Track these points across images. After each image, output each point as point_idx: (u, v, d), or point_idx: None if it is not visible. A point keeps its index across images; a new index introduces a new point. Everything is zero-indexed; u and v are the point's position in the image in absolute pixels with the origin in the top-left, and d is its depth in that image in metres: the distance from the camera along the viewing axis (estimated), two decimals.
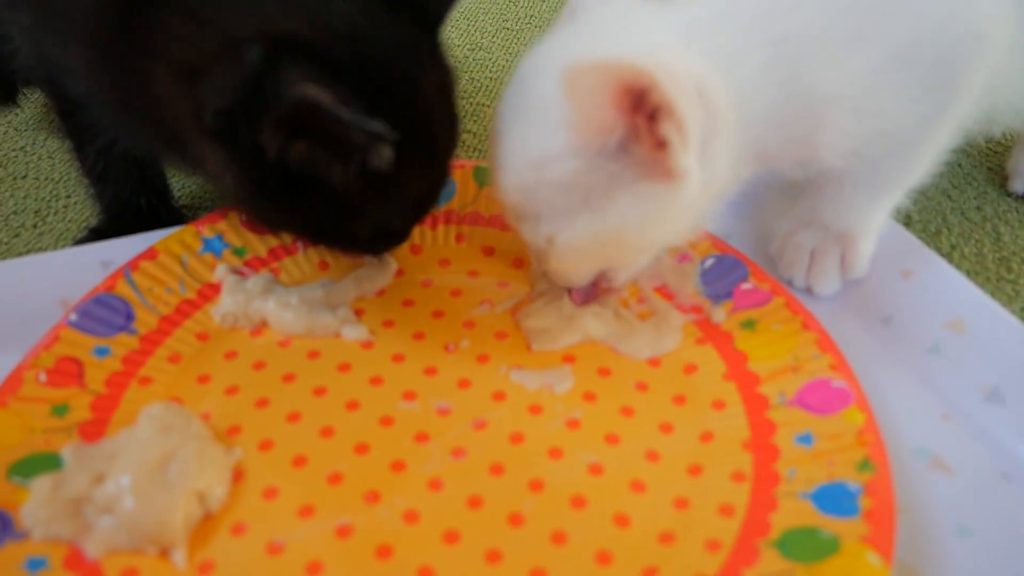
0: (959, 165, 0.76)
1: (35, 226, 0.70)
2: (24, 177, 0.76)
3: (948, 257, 0.66)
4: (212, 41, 0.44)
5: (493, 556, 0.41)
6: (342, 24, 0.45)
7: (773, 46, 0.46)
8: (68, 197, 0.73)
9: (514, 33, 1.03)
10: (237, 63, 0.42)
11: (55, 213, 0.72)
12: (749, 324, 0.53)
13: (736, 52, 0.46)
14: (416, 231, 0.60)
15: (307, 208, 0.47)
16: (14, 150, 0.80)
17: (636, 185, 0.44)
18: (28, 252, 0.67)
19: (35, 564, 0.39)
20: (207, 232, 0.56)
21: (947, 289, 0.54)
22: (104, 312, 0.51)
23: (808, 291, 0.57)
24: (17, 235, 0.69)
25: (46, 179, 0.76)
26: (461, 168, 0.62)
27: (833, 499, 0.41)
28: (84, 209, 0.72)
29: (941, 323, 0.53)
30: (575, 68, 0.40)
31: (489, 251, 0.60)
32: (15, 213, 0.71)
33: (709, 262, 0.56)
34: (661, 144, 0.41)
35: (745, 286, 0.54)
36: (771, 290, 0.54)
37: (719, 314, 0.53)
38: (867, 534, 0.39)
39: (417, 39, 0.48)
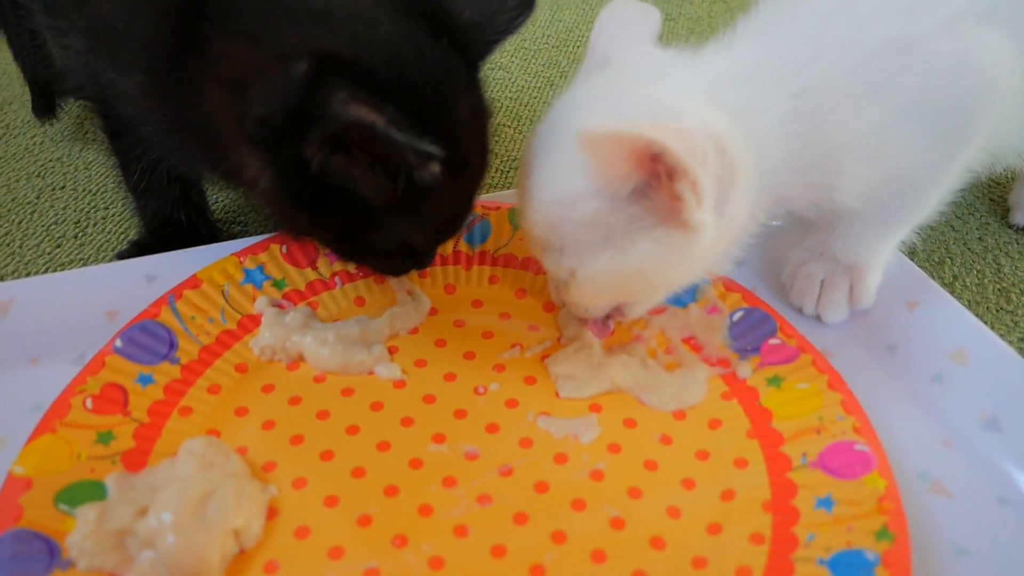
0: (962, 197, 0.78)
1: (76, 236, 0.72)
2: (63, 188, 0.79)
3: (950, 287, 0.68)
4: (260, 56, 0.46)
5: None
6: (383, 46, 0.46)
7: (793, 99, 0.48)
8: (106, 208, 0.76)
9: (532, 53, 1.05)
10: (282, 76, 0.43)
11: (94, 224, 0.74)
12: (775, 381, 0.53)
13: (758, 105, 0.48)
14: (451, 271, 0.61)
15: (334, 215, 0.49)
16: (51, 160, 0.83)
17: (655, 230, 0.46)
18: (70, 262, 0.70)
19: None
20: (249, 263, 0.58)
21: (950, 321, 0.57)
22: (148, 339, 0.53)
23: (817, 319, 0.60)
24: (59, 245, 0.71)
25: (84, 190, 0.78)
26: (496, 210, 0.63)
27: (850, 567, 0.42)
28: (122, 221, 0.74)
29: (944, 353, 0.56)
30: (589, 134, 0.42)
31: (521, 294, 0.61)
32: (56, 224, 0.74)
33: (738, 315, 0.57)
34: (677, 197, 0.43)
35: (773, 341, 0.55)
36: (798, 347, 0.54)
37: (745, 369, 0.54)
38: None
39: (455, 66, 0.49)
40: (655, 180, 0.43)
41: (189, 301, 0.55)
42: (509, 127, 0.89)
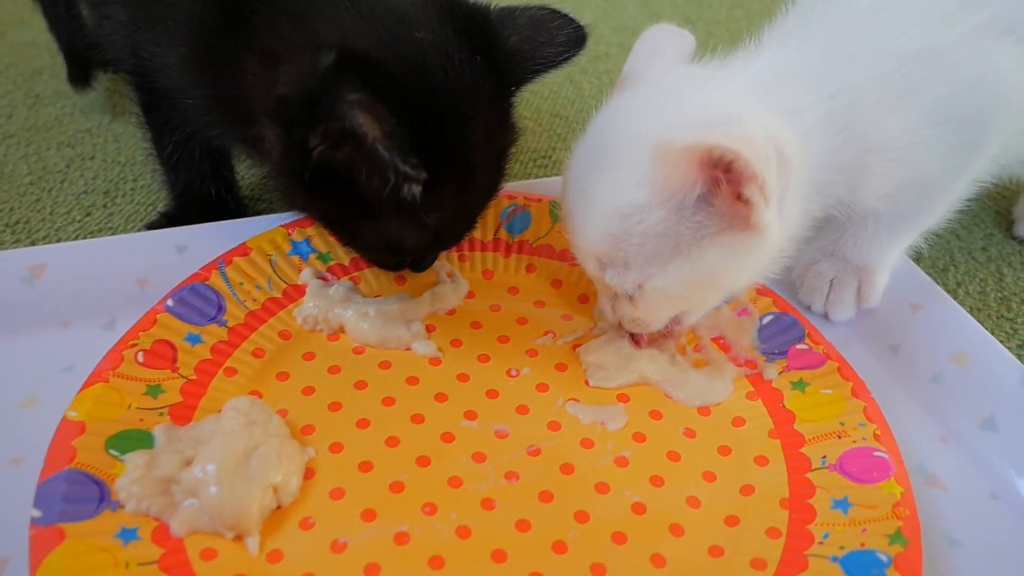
0: (969, 207, 0.79)
1: (105, 206, 0.74)
2: (92, 158, 0.80)
3: (953, 293, 0.70)
4: (297, 37, 0.48)
5: None
6: (413, 52, 0.48)
7: (831, 99, 0.50)
8: (135, 180, 0.78)
9: None
10: (309, 62, 0.45)
11: (123, 195, 0.76)
12: (800, 385, 0.55)
13: (800, 105, 0.49)
14: (489, 257, 0.63)
15: (330, 199, 0.50)
16: (80, 132, 0.84)
17: (721, 235, 0.47)
18: (99, 230, 0.72)
19: (128, 534, 0.43)
20: (296, 235, 0.60)
21: (952, 324, 0.59)
22: (198, 301, 0.55)
23: (825, 317, 0.62)
24: (88, 214, 0.73)
25: (113, 161, 0.80)
26: (538, 202, 0.65)
27: (861, 566, 0.44)
28: (151, 193, 0.76)
29: (945, 355, 0.58)
30: (665, 147, 0.43)
31: (557, 284, 0.63)
32: (85, 193, 0.76)
33: (768, 319, 0.59)
34: (742, 198, 0.44)
35: (800, 346, 0.57)
36: (825, 353, 0.56)
37: (771, 371, 0.56)
38: None
39: (481, 84, 0.50)
40: (715, 186, 0.45)
41: (238, 267, 0.57)
42: (529, 119, 0.91)
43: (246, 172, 0.77)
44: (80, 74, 0.85)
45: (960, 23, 0.52)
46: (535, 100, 0.94)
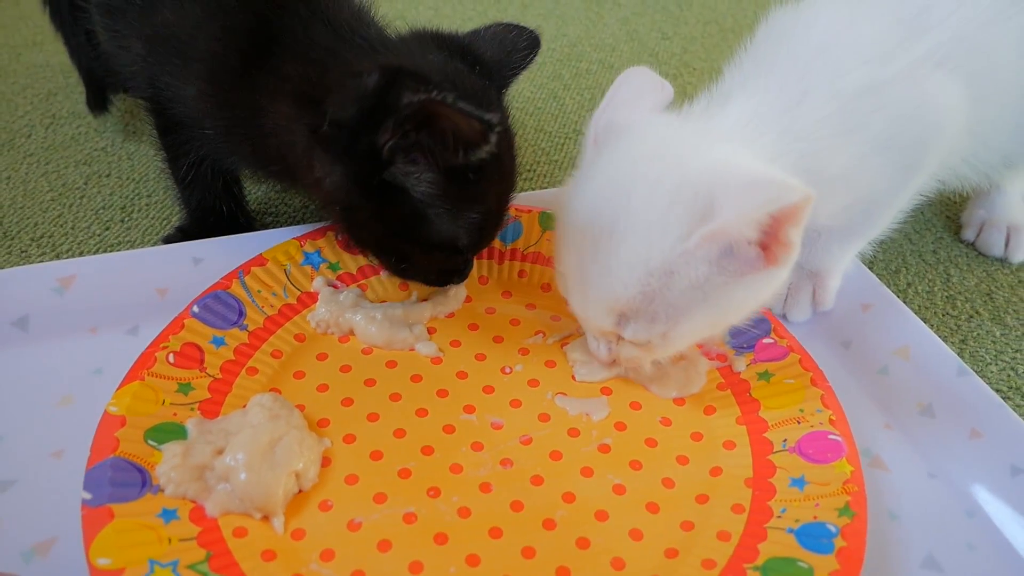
0: (921, 213, 0.87)
1: (122, 221, 0.79)
2: (108, 176, 0.85)
3: (903, 293, 0.76)
4: (331, 77, 0.54)
5: (528, 553, 0.50)
6: (434, 65, 0.55)
7: (797, 141, 0.55)
8: (149, 196, 0.83)
9: (537, 66, 1.06)
10: (357, 85, 0.51)
11: (139, 211, 0.81)
12: (765, 376, 0.61)
13: (778, 152, 0.54)
14: (484, 264, 0.69)
15: (393, 208, 0.55)
16: (96, 150, 0.89)
17: (746, 276, 0.50)
18: (119, 244, 0.77)
19: (168, 514, 0.48)
20: (308, 247, 0.66)
21: (897, 321, 0.65)
22: (221, 307, 0.61)
23: (783, 318, 0.68)
24: (108, 228, 0.78)
25: (128, 179, 0.85)
26: (528, 213, 0.71)
27: (813, 537, 0.49)
28: (164, 208, 0.81)
29: (890, 349, 0.64)
30: (744, 214, 0.46)
31: (546, 287, 0.69)
32: (104, 208, 0.81)
33: None
34: (780, 240, 0.47)
35: (767, 340, 0.63)
36: (788, 347, 0.62)
37: (740, 364, 0.62)
38: (837, 571, 0.47)
39: (487, 86, 0.57)
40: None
41: (256, 276, 0.63)
42: (515, 135, 0.95)
43: (254, 189, 0.82)
44: (98, 99, 0.90)
45: (897, 60, 0.58)
46: (520, 116, 1.00)
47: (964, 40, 0.59)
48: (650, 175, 0.50)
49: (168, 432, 0.53)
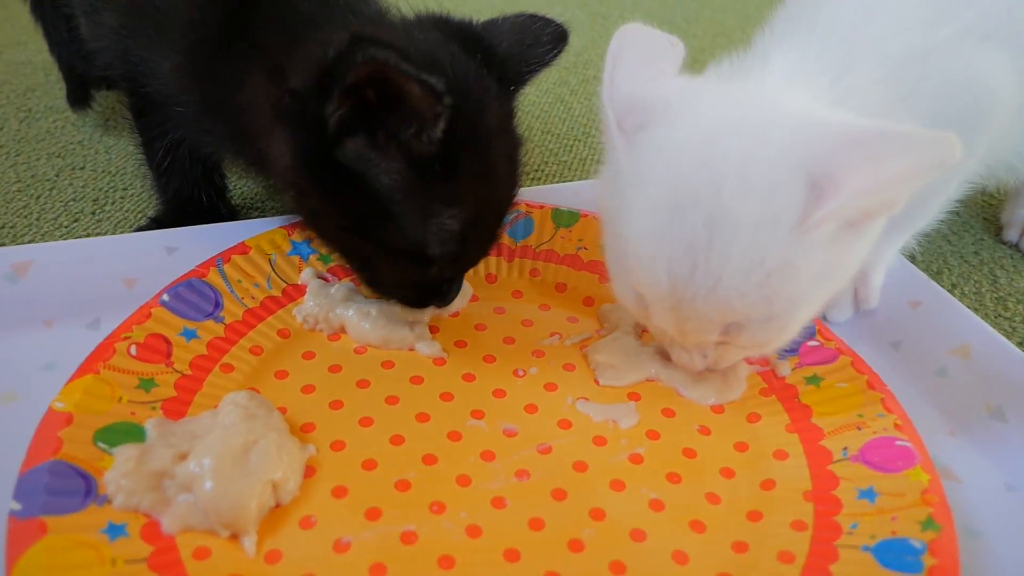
0: (957, 215, 0.82)
1: (93, 213, 0.73)
2: (82, 168, 0.79)
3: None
4: (306, 46, 0.47)
5: None
6: (421, 46, 0.48)
7: (848, 110, 0.47)
8: (125, 189, 0.76)
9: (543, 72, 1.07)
10: (321, 51, 0.44)
11: (112, 203, 0.74)
12: (814, 380, 0.53)
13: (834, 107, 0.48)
14: (492, 262, 0.62)
15: (349, 199, 0.48)
16: (72, 144, 0.83)
17: (854, 243, 0.44)
18: (87, 236, 0.69)
19: (115, 530, 0.40)
20: (297, 236, 0.59)
21: (952, 318, 0.59)
22: (195, 297, 0.53)
23: (823, 318, 0.60)
24: (76, 220, 0.72)
25: (103, 171, 0.79)
26: (540, 208, 0.64)
27: (895, 554, 0.42)
28: (140, 201, 0.74)
29: (946, 349, 0.57)
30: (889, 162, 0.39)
31: (561, 287, 0.62)
32: (74, 200, 0.74)
33: None
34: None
35: (812, 343, 0.55)
36: (837, 349, 0.55)
37: (784, 368, 0.54)
38: None
39: (486, 79, 0.50)
40: None
41: (236, 265, 0.56)
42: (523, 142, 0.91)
43: (238, 183, 0.75)
44: (79, 95, 0.84)
45: (942, 27, 0.52)
46: (527, 119, 0.95)
47: (1009, 13, 0.54)
48: (732, 159, 0.42)
49: (123, 433, 0.44)
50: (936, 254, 0.75)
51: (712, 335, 0.47)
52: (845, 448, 0.49)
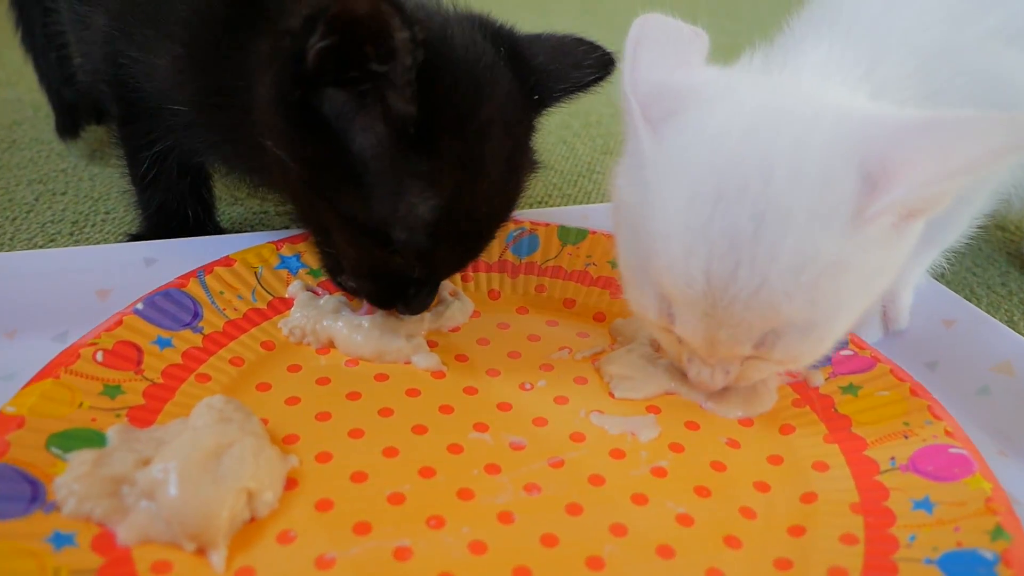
0: (980, 249, 0.79)
1: (72, 234, 0.69)
2: (64, 194, 0.77)
3: None
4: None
5: None
6: (437, 20, 0.45)
7: (872, 100, 0.45)
8: (107, 213, 0.73)
9: None
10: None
11: (92, 225, 0.71)
12: (851, 389, 0.49)
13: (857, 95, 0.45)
14: (495, 278, 0.58)
15: (321, 154, 0.44)
16: (55, 171, 0.81)
17: (900, 240, 0.40)
18: None
19: (61, 539, 0.34)
20: (286, 251, 0.55)
21: (992, 336, 0.55)
22: (172, 307, 0.49)
23: None
24: (53, 240, 0.68)
25: (85, 197, 0.76)
26: (546, 227, 0.61)
27: (965, 566, 0.36)
28: (122, 224, 0.71)
29: (987, 366, 0.54)
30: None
31: (570, 303, 0.58)
32: (52, 222, 0.71)
33: None
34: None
35: (844, 352, 0.51)
36: (873, 357, 0.50)
37: (817, 378, 0.50)
38: None
39: (501, 73, 0.47)
40: None
41: (219, 277, 0.51)
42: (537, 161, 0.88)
43: (227, 208, 0.73)
44: (67, 124, 0.82)
45: (971, 25, 0.50)
46: None
47: None
48: (782, 148, 0.38)
49: (80, 439, 0.39)
50: (962, 285, 0.72)
51: (745, 347, 0.42)
52: (893, 457, 0.43)
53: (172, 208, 0.60)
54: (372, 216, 0.44)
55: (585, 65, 0.52)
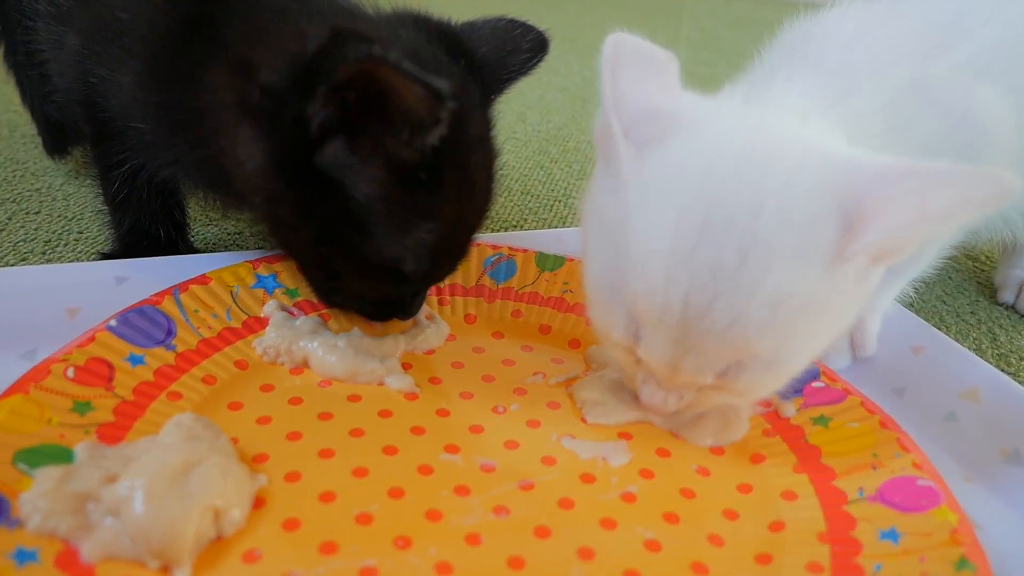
0: (950, 278, 0.80)
1: (44, 253, 0.69)
2: (37, 213, 0.76)
3: None
4: (275, 41, 0.45)
5: None
6: (404, 42, 0.46)
7: (856, 134, 0.46)
8: (80, 232, 0.73)
9: (523, 143, 1.07)
10: (299, 44, 0.42)
11: (65, 244, 0.71)
12: (822, 420, 0.49)
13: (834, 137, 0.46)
14: (472, 302, 0.58)
15: (325, 205, 0.45)
16: (29, 191, 0.81)
17: (868, 275, 0.41)
18: None
19: (23, 556, 0.34)
20: (263, 270, 0.55)
21: (958, 363, 0.56)
22: (145, 324, 0.49)
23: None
24: (24, 259, 0.68)
25: (59, 216, 0.76)
26: (524, 253, 0.62)
27: None
28: (96, 243, 0.71)
29: (954, 393, 0.54)
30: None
31: (545, 329, 0.58)
32: (24, 241, 0.71)
33: None
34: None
35: (816, 384, 0.51)
36: (844, 389, 0.51)
37: (789, 408, 0.50)
38: None
39: (470, 82, 0.48)
40: None
41: (194, 295, 0.51)
42: (501, 196, 0.85)
43: (201, 229, 0.73)
44: (56, 143, 0.82)
45: (938, 61, 0.52)
46: (507, 181, 0.94)
47: (1003, 50, 0.53)
48: (772, 184, 0.39)
49: (47, 455, 0.39)
50: (932, 312, 0.73)
51: (708, 376, 0.42)
52: (861, 488, 0.44)
53: (144, 228, 0.60)
54: (382, 256, 0.46)
55: (523, 49, 0.53)
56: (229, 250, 0.70)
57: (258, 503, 0.40)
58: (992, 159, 0.53)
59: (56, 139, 0.82)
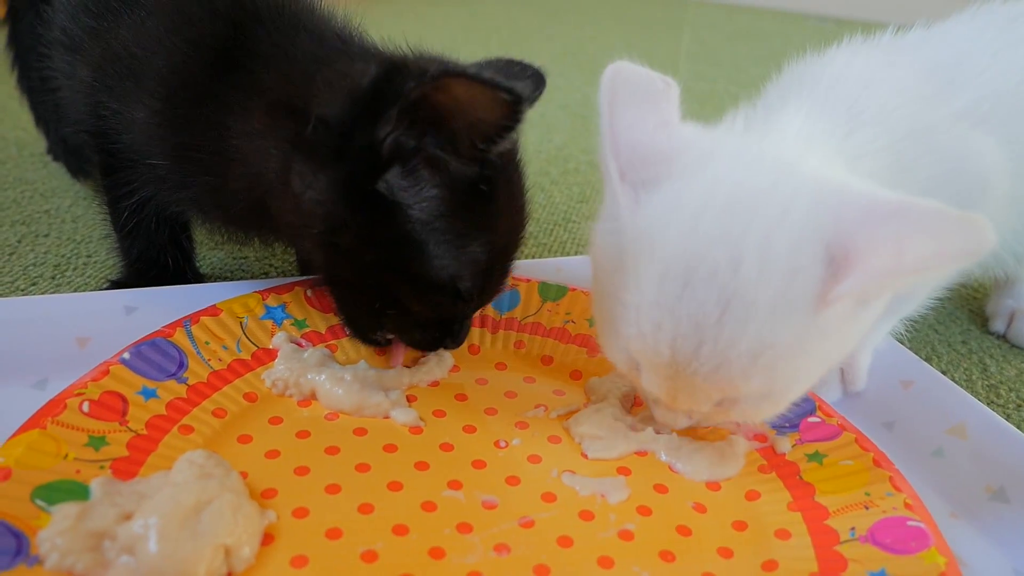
0: (942, 307, 0.81)
1: (53, 278, 0.70)
2: (47, 236, 0.77)
3: None
4: (320, 80, 0.47)
5: None
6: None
7: (856, 174, 0.46)
8: (89, 256, 0.74)
9: (525, 163, 1.08)
10: (349, 80, 0.44)
11: (74, 269, 0.72)
12: (816, 457, 0.50)
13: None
14: (476, 332, 0.60)
15: (382, 233, 0.47)
16: (38, 212, 0.82)
17: (861, 313, 0.42)
18: None
19: None
20: (271, 301, 0.56)
21: (947, 398, 0.57)
22: (158, 356, 0.50)
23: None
24: (35, 284, 0.69)
25: (68, 239, 0.77)
26: (527, 282, 0.63)
27: None
28: (104, 268, 0.72)
29: (942, 428, 0.55)
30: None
31: (547, 360, 0.59)
32: (34, 265, 0.72)
33: None
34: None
35: (812, 419, 0.52)
36: (840, 425, 0.52)
37: (784, 444, 0.51)
38: None
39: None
40: None
41: (205, 327, 0.53)
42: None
43: (208, 253, 0.74)
44: (80, 166, 0.84)
45: (941, 107, 0.53)
46: None
47: (1000, 100, 0.55)
48: (752, 235, 0.39)
49: (64, 491, 0.40)
50: (924, 342, 0.74)
51: (704, 406, 0.44)
52: (853, 528, 0.45)
53: (152, 256, 0.62)
54: (441, 275, 0.48)
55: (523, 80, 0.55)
56: (236, 275, 0.72)
57: (267, 539, 0.41)
58: (988, 207, 0.54)
59: (75, 161, 0.83)
